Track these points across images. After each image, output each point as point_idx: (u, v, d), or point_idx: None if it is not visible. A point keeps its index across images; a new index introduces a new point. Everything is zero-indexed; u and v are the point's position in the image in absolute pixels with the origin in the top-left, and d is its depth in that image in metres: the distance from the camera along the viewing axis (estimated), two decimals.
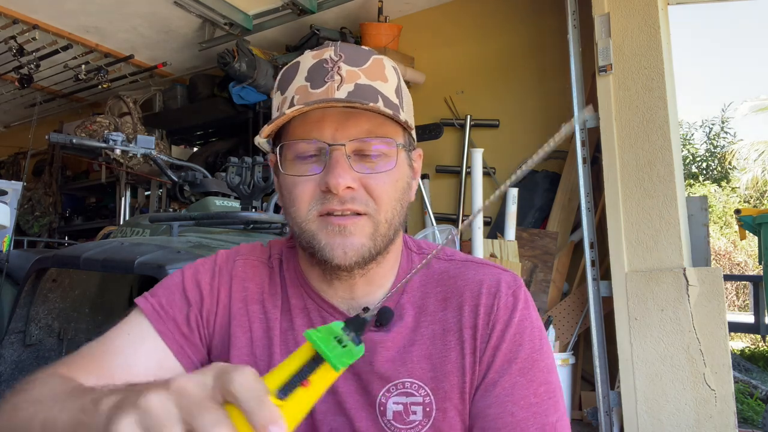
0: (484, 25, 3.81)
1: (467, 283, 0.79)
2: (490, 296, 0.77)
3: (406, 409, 0.75)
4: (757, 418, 3.26)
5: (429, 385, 0.75)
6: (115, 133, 2.05)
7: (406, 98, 0.78)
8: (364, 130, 0.72)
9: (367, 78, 0.73)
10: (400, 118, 0.72)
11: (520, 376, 0.74)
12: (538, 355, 0.75)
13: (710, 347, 2.37)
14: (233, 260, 0.84)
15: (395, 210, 0.74)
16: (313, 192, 0.72)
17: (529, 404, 0.72)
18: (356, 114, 0.71)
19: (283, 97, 0.75)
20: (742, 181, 13.24)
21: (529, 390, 0.73)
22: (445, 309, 0.78)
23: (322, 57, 0.73)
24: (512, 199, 3.16)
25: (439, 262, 0.83)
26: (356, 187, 0.71)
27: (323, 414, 0.76)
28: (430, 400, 0.75)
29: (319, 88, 0.71)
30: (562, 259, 3.23)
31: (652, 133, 2.60)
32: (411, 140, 0.80)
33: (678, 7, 2.85)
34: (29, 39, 4.00)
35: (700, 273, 2.45)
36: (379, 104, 0.71)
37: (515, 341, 0.75)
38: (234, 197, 2.17)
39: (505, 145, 3.65)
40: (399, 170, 0.75)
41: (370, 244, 0.73)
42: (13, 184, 3.30)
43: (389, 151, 0.74)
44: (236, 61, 3.66)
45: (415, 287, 0.80)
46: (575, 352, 3.04)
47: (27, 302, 1.85)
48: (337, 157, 0.70)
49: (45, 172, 5.36)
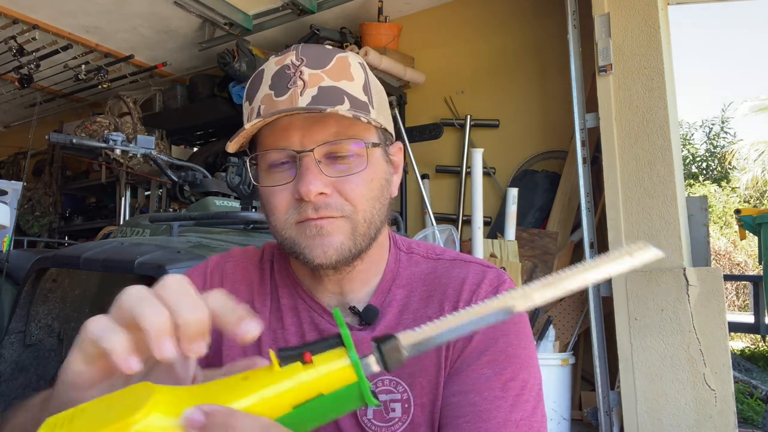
0: (484, 25, 3.81)
1: (451, 280, 0.79)
2: (470, 292, 0.77)
3: (386, 406, 0.75)
4: (757, 418, 3.26)
5: (406, 381, 0.75)
6: (115, 133, 2.05)
7: (376, 94, 0.76)
8: (332, 134, 0.71)
9: (331, 79, 0.71)
10: (368, 118, 0.70)
11: (488, 368, 0.72)
12: (514, 350, 0.73)
13: (710, 347, 2.37)
14: (224, 263, 0.85)
15: (374, 209, 0.73)
16: (288, 201, 0.72)
17: (494, 397, 0.70)
18: (323, 118, 0.70)
19: (251, 108, 0.74)
20: (742, 181, 13.24)
21: (496, 383, 0.70)
22: (427, 306, 0.78)
23: (284, 63, 0.72)
24: (512, 199, 3.16)
25: (427, 261, 0.83)
26: (329, 192, 0.70)
27: None
28: (408, 396, 0.74)
29: (282, 95, 0.70)
30: (562, 259, 3.23)
31: (652, 133, 2.60)
32: (387, 135, 0.78)
33: (678, 7, 2.85)
34: (29, 39, 4.00)
35: (700, 273, 2.45)
36: (345, 105, 0.70)
37: (489, 334, 0.73)
38: (234, 197, 2.17)
39: (505, 145, 3.65)
40: (373, 169, 0.73)
41: (350, 244, 0.72)
42: (13, 184, 3.30)
43: (360, 151, 0.72)
44: (236, 61, 3.67)
45: (401, 285, 0.80)
46: (575, 352, 3.04)
47: (27, 302, 1.85)
48: (306, 164, 0.70)
49: (45, 172, 5.36)
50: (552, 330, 2.86)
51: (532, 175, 3.52)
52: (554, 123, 3.49)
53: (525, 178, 3.53)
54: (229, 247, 1.52)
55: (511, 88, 3.69)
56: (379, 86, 0.78)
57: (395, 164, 0.80)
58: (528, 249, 3.23)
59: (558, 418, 2.75)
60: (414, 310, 0.78)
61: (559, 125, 3.44)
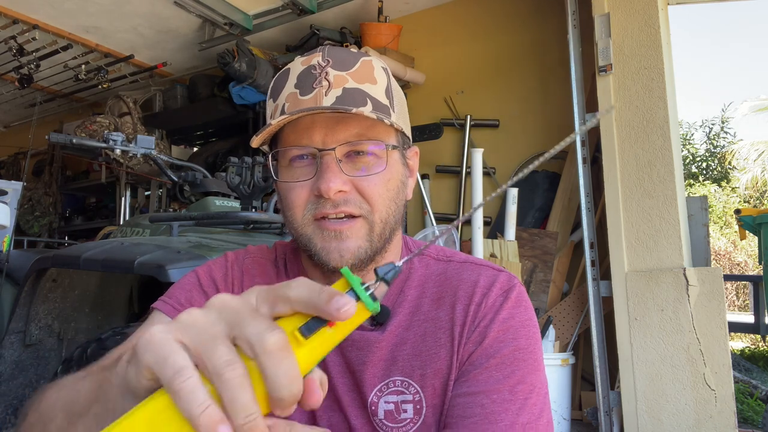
0: (484, 25, 3.81)
1: (462, 282, 0.79)
2: (481, 295, 0.77)
3: (397, 407, 0.75)
4: (757, 418, 3.26)
5: (419, 383, 0.75)
6: (115, 133, 2.05)
7: (397, 98, 0.79)
8: (353, 134, 0.73)
9: (356, 81, 0.73)
10: (390, 120, 0.73)
11: (497, 370, 0.72)
12: (523, 355, 0.73)
13: (710, 347, 2.37)
14: (243, 258, 0.86)
15: (389, 210, 0.75)
16: (307, 197, 0.73)
17: (502, 399, 0.70)
18: (345, 118, 0.72)
19: (275, 105, 0.76)
20: (742, 181, 13.24)
21: (505, 386, 0.71)
22: (438, 308, 0.79)
23: (311, 63, 0.74)
24: (512, 199, 3.16)
25: (437, 263, 0.84)
26: (348, 190, 0.72)
27: (322, 409, 0.77)
28: (420, 397, 0.75)
29: (307, 94, 0.72)
30: (562, 259, 3.23)
31: (652, 133, 2.60)
32: (405, 139, 0.80)
33: (678, 7, 2.85)
34: (29, 39, 4.00)
35: (700, 273, 2.45)
36: (367, 107, 0.72)
37: (498, 338, 0.74)
38: (234, 197, 2.17)
39: (505, 145, 3.65)
40: (391, 171, 0.75)
41: (366, 246, 0.74)
42: (13, 184, 3.29)
43: (380, 153, 0.74)
44: (236, 61, 3.67)
45: (413, 287, 0.81)
46: (575, 352, 3.04)
47: (27, 302, 1.85)
48: (327, 162, 0.72)
49: (45, 172, 5.37)
50: (552, 330, 2.86)
51: (532, 175, 3.52)
52: (554, 123, 3.49)
53: (525, 178, 3.53)
54: (229, 247, 1.52)
55: (511, 88, 3.69)
56: (399, 91, 0.81)
57: (411, 168, 0.82)
58: (528, 249, 3.23)
59: (558, 418, 2.75)
60: (425, 312, 0.79)
61: (559, 125, 3.44)
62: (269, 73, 3.84)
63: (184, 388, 0.35)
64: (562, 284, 3.22)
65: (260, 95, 3.90)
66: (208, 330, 0.38)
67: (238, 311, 0.39)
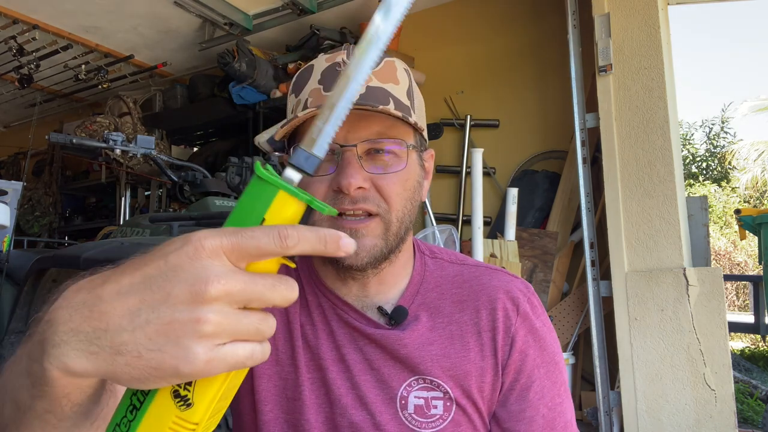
0: (485, 25, 3.81)
1: (483, 287, 0.82)
2: (507, 301, 0.81)
3: (427, 403, 0.77)
4: (757, 418, 3.26)
5: (449, 383, 0.77)
6: (115, 133, 2.05)
7: (417, 100, 0.81)
8: (375, 132, 0.74)
9: (379, 80, 0.75)
10: (410, 120, 0.74)
11: (547, 378, 0.79)
12: (558, 357, 0.82)
13: (710, 347, 2.37)
14: None
15: (406, 209, 0.76)
16: (326, 192, 0.74)
17: (554, 404, 0.79)
18: (368, 116, 0.73)
19: (297, 100, 0.77)
20: (742, 181, 13.24)
21: (554, 391, 0.79)
22: (462, 311, 0.81)
23: (335, 60, 0.76)
24: (512, 199, 3.16)
25: (452, 265, 0.86)
26: (367, 187, 0.73)
27: (344, 408, 0.77)
28: (450, 396, 0.77)
29: (331, 90, 0.72)
30: (562, 259, 3.23)
31: (652, 133, 2.60)
32: (422, 141, 0.82)
33: (678, 7, 2.85)
34: (29, 39, 4.00)
35: (700, 273, 2.45)
36: (390, 106, 0.73)
37: (540, 346, 0.80)
38: (234, 197, 2.17)
39: (505, 145, 3.65)
40: (409, 170, 0.76)
41: (381, 244, 0.75)
42: (13, 184, 3.30)
43: (400, 152, 0.75)
44: (236, 61, 3.67)
45: (430, 289, 0.83)
46: (575, 352, 3.04)
47: (27, 302, 1.85)
48: (348, 158, 0.73)
49: (45, 172, 5.36)
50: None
51: (532, 175, 3.52)
52: (554, 123, 3.49)
53: (525, 178, 3.53)
54: None
55: (511, 88, 3.69)
56: (419, 93, 0.83)
57: (427, 170, 0.84)
58: (528, 249, 3.23)
59: None
60: (448, 314, 0.81)
61: (559, 125, 3.44)
62: (269, 73, 3.84)
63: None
64: (562, 284, 3.22)
65: (260, 95, 3.90)
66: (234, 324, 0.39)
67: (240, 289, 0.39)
